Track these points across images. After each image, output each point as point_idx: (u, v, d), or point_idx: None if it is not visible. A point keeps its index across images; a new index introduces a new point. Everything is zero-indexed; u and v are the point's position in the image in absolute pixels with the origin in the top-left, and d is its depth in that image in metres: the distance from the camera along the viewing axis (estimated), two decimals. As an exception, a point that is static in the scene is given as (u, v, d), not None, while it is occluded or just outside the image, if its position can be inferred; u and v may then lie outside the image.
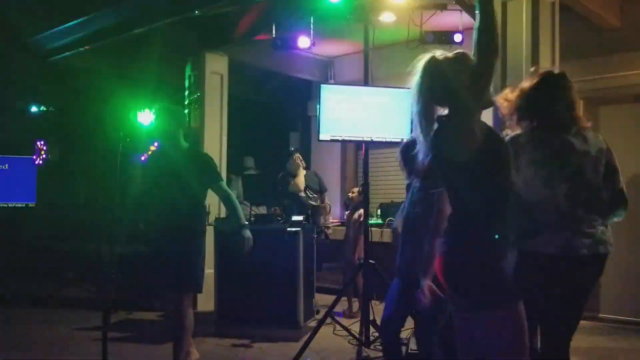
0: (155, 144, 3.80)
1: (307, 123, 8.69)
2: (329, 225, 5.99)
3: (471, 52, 2.15)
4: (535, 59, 4.47)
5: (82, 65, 7.44)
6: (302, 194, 6.39)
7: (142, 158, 3.73)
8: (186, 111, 6.85)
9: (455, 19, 5.32)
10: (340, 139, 5.03)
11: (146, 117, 6.56)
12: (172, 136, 3.78)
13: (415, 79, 2.21)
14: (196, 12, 5.60)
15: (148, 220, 4.01)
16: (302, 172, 6.59)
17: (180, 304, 3.73)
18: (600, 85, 5.73)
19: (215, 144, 6.83)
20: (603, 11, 5.48)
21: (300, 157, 6.56)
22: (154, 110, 3.89)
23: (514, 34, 4.56)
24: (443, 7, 5.19)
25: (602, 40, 5.81)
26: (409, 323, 4.72)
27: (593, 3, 5.28)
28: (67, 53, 7.03)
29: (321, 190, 6.54)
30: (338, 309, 5.55)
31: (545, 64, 4.56)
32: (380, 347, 4.70)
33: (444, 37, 5.28)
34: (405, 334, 4.85)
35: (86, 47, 6.69)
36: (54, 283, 7.26)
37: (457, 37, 5.26)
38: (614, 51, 5.75)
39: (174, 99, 7.20)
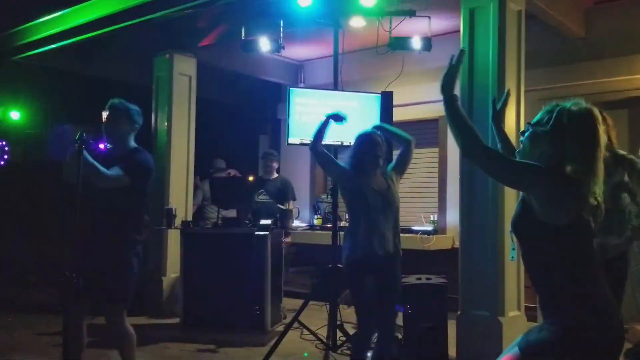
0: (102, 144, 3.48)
1: (276, 126, 8.67)
2: (289, 230, 5.99)
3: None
4: (501, 65, 4.57)
5: (43, 65, 7.32)
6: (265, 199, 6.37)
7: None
8: (153, 113, 6.79)
9: (424, 25, 5.37)
10: (309, 142, 5.02)
11: None
12: (123, 137, 3.53)
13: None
14: (158, 14, 5.54)
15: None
16: (274, 177, 6.59)
17: (111, 318, 3.51)
18: (564, 93, 5.83)
19: (183, 145, 6.79)
20: (568, 21, 5.61)
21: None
22: (107, 108, 3.54)
23: (481, 41, 4.65)
24: (412, 14, 5.23)
25: (567, 49, 5.95)
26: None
27: (558, 13, 5.39)
28: (30, 52, 6.90)
29: (288, 198, 6.51)
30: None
31: (511, 71, 4.66)
32: (347, 351, 4.70)
33: (412, 43, 5.32)
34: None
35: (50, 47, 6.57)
36: (16, 287, 7.10)
37: (426, 44, 5.31)
38: (578, 60, 5.90)
39: (140, 100, 7.11)
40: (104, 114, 3.54)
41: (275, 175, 6.60)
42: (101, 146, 3.44)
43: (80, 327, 3.46)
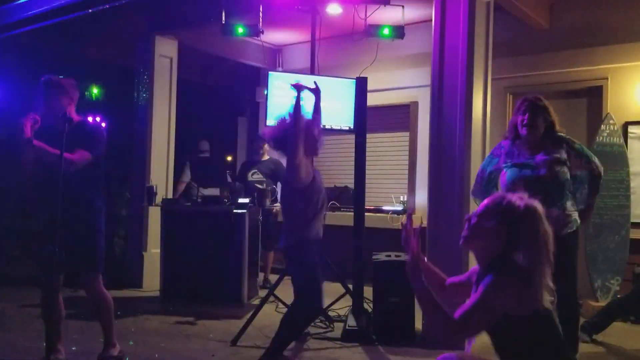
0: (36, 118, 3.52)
1: (255, 109, 8.81)
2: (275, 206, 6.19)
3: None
4: (470, 54, 4.68)
5: (25, 44, 7.35)
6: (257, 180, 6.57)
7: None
8: (134, 93, 6.91)
9: (398, 14, 5.56)
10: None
11: None
12: (61, 110, 3.51)
13: None
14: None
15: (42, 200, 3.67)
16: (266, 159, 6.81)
17: (87, 284, 3.64)
18: (529, 82, 6.13)
19: (164, 125, 6.92)
20: (534, 13, 5.82)
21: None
22: (41, 85, 3.57)
23: (452, 29, 4.79)
24: (386, 2, 5.41)
25: (532, 39, 6.17)
26: (347, 301, 5.04)
27: (525, 5, 5.60)
28: (11, 32, 6.93)
29: (273, 176, 6.71)
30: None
31: (479, 60, 4.81)
32: (320, 324, 4.94)
33: (387, 31, 5.49)
34: (342, 311, 5.15)
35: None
36: (-1, 261, 7.18)
37: (399, 31, 5.48)
38: (542, 50, 6.13)
39: (121, 80, 7.21)
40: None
41: (267, 157, 6.82)
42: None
43: (57, 296, 3.58)
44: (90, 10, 6.09)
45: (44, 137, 3.41)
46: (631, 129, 5.73)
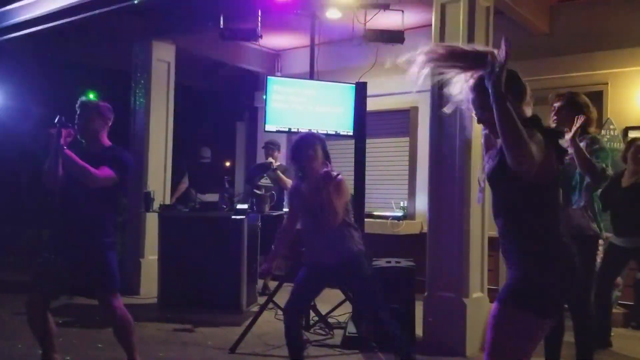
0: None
1: (253, 113, 8.78)
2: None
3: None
4: None
5: (21, 49, 7.31)
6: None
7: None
8: (131, 98, 6.87)
9: (398, 18, 5.54)
10: (286, 129, 5.19)
11: None
12: (96, 134, 3.55)
13: None
14: (135, 1, 5.61)
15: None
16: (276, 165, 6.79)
17: (104, 304, 3.52)
18: (529, 87, 6.10)
19: (161, 130, 6.89)
20: (533, 17, 5.82)
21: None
22: (77, 106, 3.56)
23: (452, 34, 4.78)
24: (385, 7, 5.40)
25: (532, 44, 6.14)
26: (347, 308, 5.01)
27: (525, 9, 5.60)
28: (7, 36, 6.90)
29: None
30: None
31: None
32: (320, 331, 4.92)
33: (386, 36, 5.48)
34: (343, 318, 5.11)
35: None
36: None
37: (399, 36, 5.47)
38: (541, 55, 6.11)
39: (118, 85, 7.18)
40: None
41: (278, 163, 6.80)
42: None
43: (45, 305, 3.48)
44: (86, 14, 6.05)
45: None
46: (631, 134, 5.70)
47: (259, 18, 5.77)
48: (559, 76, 5.98)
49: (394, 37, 5.44)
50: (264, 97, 5.07)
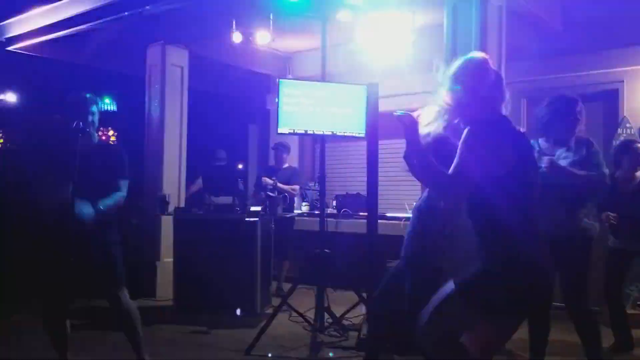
0: None
1: (265, 116, 8.81)
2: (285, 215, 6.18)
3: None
4: None
5: (37, 55, 7.40)
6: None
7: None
8: (146, 103, 6.92)
9: (409, 19, 5.53)
10: (298, 132, 5.19)
11: None
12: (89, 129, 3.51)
13: None
14: (147, 7, 5.66)
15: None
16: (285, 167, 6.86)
17: (115, 299, 3.59)
18: (543, 85, 6.04)
19: (176, 134, 6.93)
20: (547, 15, 5.77)
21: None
22: (88, 100, 3.54)
23: (464, 34, 4.78)
24: (397, 8, 5.39)
25: (546, 43, 6.08)
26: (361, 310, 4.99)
27: (537, 8, 5.56)
28: (23, 43, 7.00)
29: (291, 182, 6.75)
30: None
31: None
32: (334, 333, 4.90)
33: (396, 36, 5.47)
34: (357, 320, 5.10)
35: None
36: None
37: (410, 37, 5.46)
38: (557, 54, 6.05)
39: (133, 90, 7.23)
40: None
41: (286, 165, 6.84)
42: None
43: (63, 305, 3.57)
44: (100, 21, 6.11)
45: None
46: (649, 132, 5.64)
47: (271, 21, 5.79)
48: (573, 74, 5.92)
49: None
50: (276, 99, 5.07)
